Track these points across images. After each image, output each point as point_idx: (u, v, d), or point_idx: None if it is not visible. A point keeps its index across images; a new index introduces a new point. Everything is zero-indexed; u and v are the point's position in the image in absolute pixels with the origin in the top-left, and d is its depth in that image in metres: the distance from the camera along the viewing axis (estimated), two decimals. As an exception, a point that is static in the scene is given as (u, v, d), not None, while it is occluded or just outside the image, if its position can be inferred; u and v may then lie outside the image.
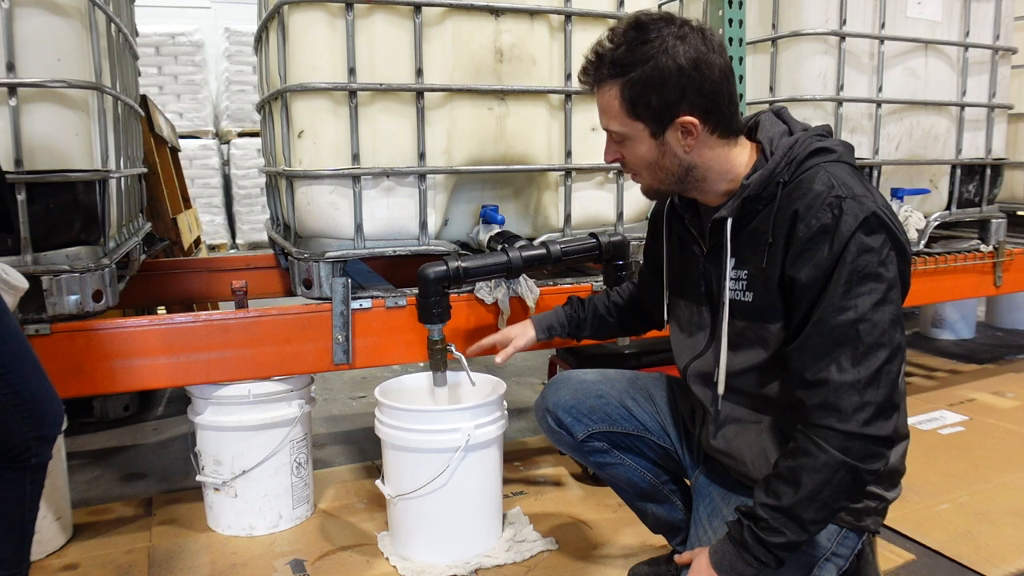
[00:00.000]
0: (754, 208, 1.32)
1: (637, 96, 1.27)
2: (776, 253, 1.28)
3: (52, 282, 1.77)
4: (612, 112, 1.32)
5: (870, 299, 1.20)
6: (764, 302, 1.31)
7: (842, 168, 1.28)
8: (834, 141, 1.33)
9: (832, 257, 1.21)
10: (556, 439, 1.68)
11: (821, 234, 1.22)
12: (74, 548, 2.05)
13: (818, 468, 1.20)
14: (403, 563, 1.91)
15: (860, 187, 1.25)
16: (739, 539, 1.26)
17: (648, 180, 1.39)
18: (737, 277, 1.35)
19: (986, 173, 2.96)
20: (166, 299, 3.08)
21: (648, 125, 1.30)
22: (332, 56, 1.95)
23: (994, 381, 3.35)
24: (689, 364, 1.50)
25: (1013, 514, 2.12)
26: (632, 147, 1.34)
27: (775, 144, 1.33)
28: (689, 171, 1.34)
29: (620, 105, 1.29)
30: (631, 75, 1.27)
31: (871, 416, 1.19)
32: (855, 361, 1.20)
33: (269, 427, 2.05)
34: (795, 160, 1.29)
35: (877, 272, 1.20)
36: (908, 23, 2.69)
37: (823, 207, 1.22)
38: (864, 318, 1.20)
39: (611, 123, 1.33)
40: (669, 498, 1.69)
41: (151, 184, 3.24)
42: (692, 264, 1.48)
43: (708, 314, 1.45)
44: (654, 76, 1.25)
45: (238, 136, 7.98)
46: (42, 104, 1.73)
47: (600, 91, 1.32)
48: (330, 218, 2.02)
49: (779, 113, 1.40)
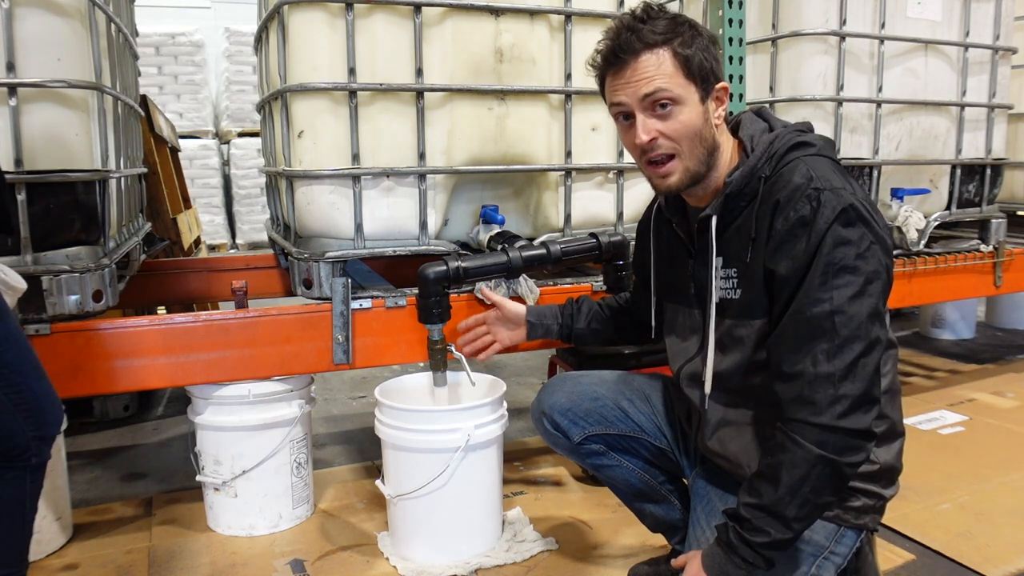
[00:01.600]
0: (737, 205, 1.33)
1: (691, 56, 1.29)
2: (759, 247, 1.29)
3: (52, 282, 1.77)
4: (666, 72, 1.28)
5: (846, 291, 1.20)
6: (750, 298, 1.32)
7: (822, 162, 1.29)
8: (814, 136, 1.34)
9: (809, 249, 1.21)
10: (553, 442, 1.68)
11: (799, 226, 1.23)
12: (74, 548, 2.05)
13: (796, 463, 1.20)
14: (403, 563, 1.91)
15: (839, 180, 1.25)
16: (726, 541, 1.26)
17: (685, 160, 1.33)
18: (727, 276, 1.36)
19: (986, 173, 2.96)
20: (166, 299, 3.08)
21: (699, 88, 1.30)
22: (332, 56, 1.95)
23: (994, 381, 3.35)
24: (682, 367, 1.51)
25: (1013, 514, 2.12)
26: (680, 113, 1.30)
27: (756, 141, 1.34)
28: (714, 150, 1.35)
29: (675, 66, 1.29)
30: (682, 36, 1.29)
31: (846, 409, 1.19)
32: (830, 354, 1.19)
33: (269, 427, 2.05)
34: (775, 155, 1.31)
35: (854, 265, 1.20)
36: (908, 23, 2.68)
37: (801, 199, 1.23)
38: (840, 310, 1.19)
39: (666, 83, 1.28)
40: (667, 498, 1.69)
41: (151, 184, 3.24)
42: (682, 267, 1.48)
43: (699, 316, 1.45)
44: (701, 42, 1.30)
45: (238, 136, 7.98)
46: (42, 104, 1.72)
47: (643, 56, 1.28)
48: (330, 218, 2.02)
49: (760, 112, 1.41)
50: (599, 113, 2.25)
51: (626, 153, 2.28)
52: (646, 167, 1.37)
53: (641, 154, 1.35)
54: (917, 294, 2.87)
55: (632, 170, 2.32)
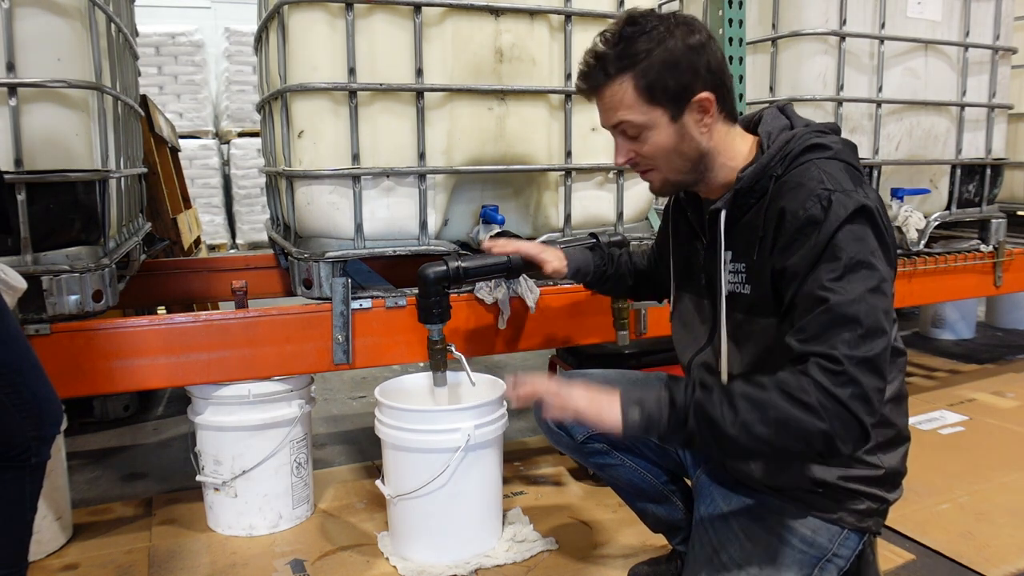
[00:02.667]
0: (747, 201, 1.33)
1: (653, 82, 1.27)
2: (766, 247, 1.28)
3: (52, 282, 1.77)
4: (627, 104, 1.30)
5: (864, 284, 1.17)
6: (758, 296, 1.31)
7: (836, 165, 1.27)
8: (833, 138, 1.32)
9: (819, 247, 1.19)
10: (556, 440, 1.68)
11: (809, 225, 1.21)
12: (74, 548, 2.05)
13: (803, 408, 1.13)
14: (403, 563, 1.91)
15: (851, 183, 1.23)
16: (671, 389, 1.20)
17: (664, 172, 1.37)
18: (736, 270, 1.35)
19: (986, 173, 2.96)
20: (166, 299, 3.08)
21: (667, 109, 1.29)
22: (332, 56, 1.95)
23: (994, 381, 3.35)
24: (693, 358, 1.50)
25: (1013, 514, 2.12)
26: (650, 137, 1.32)
27: (773, 138, 1.33)
28: (703, 157, 1.34)
29: (636, 94, 1.29)
30: (643, 63, 1.27)
31: (863, 392, 1.14)
32: (853, 342, 1.15)
33: (269, 427, 2.05)
34: (790, 155, 1.29)
35: (870, 261, 1.18)
36: (908, 23, 2.68)
37: (811, 199, 1.22)
38: (858, 299, 1.16)
39: (627, 115, 1.30)
40: (669, 498, 1.68)
41: (151, 184, 3.24)
42: (694, 258, 1.49)
43: (709, 307, 1.45)
44: (667, 59, 1.27)
45: (238, 136, 7.98)
46: (42, 104, 1.72)
47: (608, 89, 1.31)
48: (330, 218, 2.02)
49: (783, 109, 1.40)
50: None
51: (626, 153, 2.28)
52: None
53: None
54: (917, 294, 2.87)
55: (632, 170, 2.31)
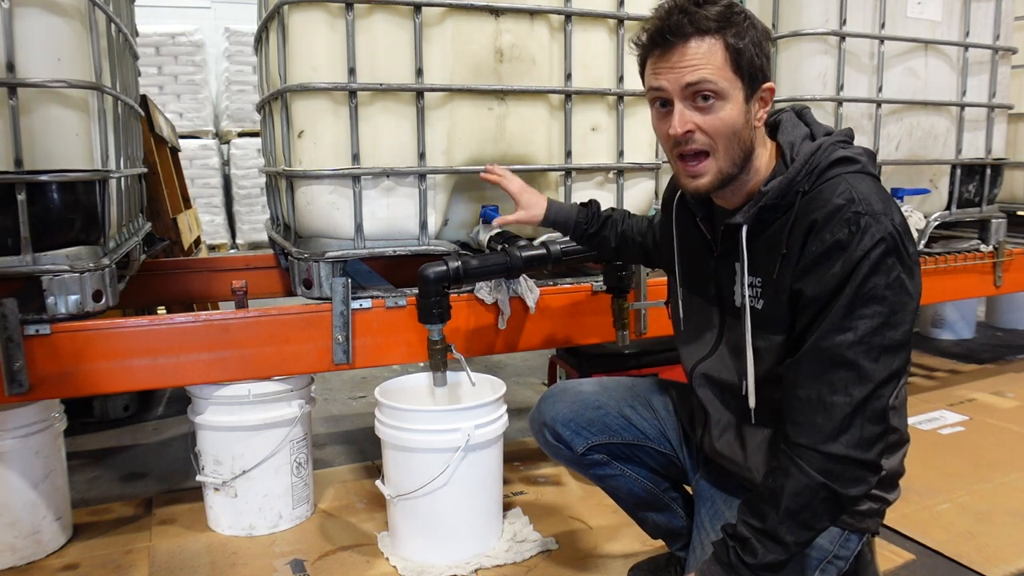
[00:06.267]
0: (771, 216, 1.27)
1: (743, 49, 1.20)
2: (788, 265, 1.24)
3: (52, 282, 1.77)
4: (714, 64, 1.20)
5: (872, 323, 1.16)
6: (772, 312, 1.28)
7: (864, 181, 1.23)
8: (857, 149, 1.28)
9: (842, 275, 1.17)
10: (554, 453, 1.65)
11: (835, 249, 1.18)
12: (74, 548, 2.05)
13: (799, 491, 1.19)
14: (403, 563, 1.91)
15: (880, 204, 1.20)
16: (725, 560, 1.25)
17: (719, 161, 1.26)
18: (750, 283, 1.31)
19: (986, 173, 2.96)
20: (166, 299, 3.08)
21: (744, 85, 1.23)
22: (332, 56, 1.95)
23: (994, 381, 3.35)
24: (696, 365, 1.47)
25: (1013, 514, 2.12)
26: (722, 109, 1.22)
27: (796, 149, 1.27)
28: (749, 155, 1.27)
29: (724, 57, 1.20)
30: (737, 28, 1.20)
31: (856, 441, 1.17)
32: (847, 384, 1.17)
33: (269, 427, 2.05)
34: (817, 169, 1.25)
35: (883, 295, 1.16)
36: (908, 23, 2.68)
37: (840, 222, 1.18)
38: (862, 341, 1.16)
39: (712, 75, 1.20)
40: (670, 506, 1.67)
41: (151, 184, 3.23)
42: (702, 263, 1.44)
43: (718, 317, 1.42)
44: (754, 35, 1.22)
45: (238, 136, 7.97)
46: (42, 104, 1.72)
47: (696, 42, 1.20)
48: (330, 218, 2.02)
49: (801, 114, 1.34)
50: (599, 113, 2.25)
51: (626, 153, 2.29)
52: (676, 161, 1.29)
53: (674, 146, 1.27)
54: (917, 294, 2.86)
55: (632, 170, 2.32)
